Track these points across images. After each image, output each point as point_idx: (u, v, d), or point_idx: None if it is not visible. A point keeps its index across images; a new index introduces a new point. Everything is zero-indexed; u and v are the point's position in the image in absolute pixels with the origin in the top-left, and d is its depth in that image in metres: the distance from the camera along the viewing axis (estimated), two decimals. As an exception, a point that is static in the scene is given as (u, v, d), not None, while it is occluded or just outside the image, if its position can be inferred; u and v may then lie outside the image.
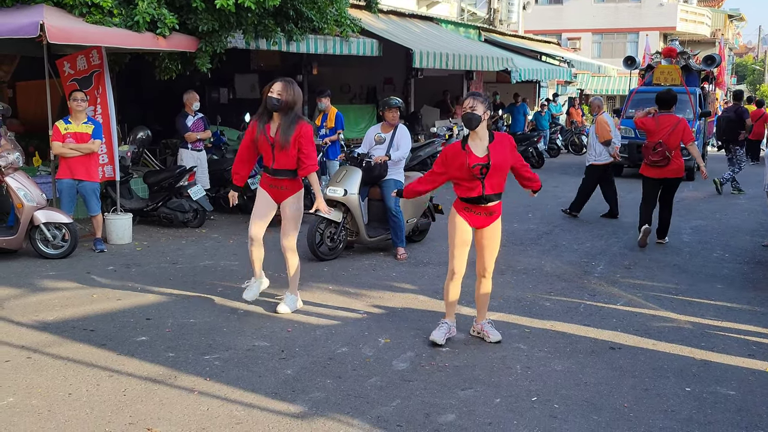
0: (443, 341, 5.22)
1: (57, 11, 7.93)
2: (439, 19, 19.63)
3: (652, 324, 5.85)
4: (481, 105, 5.00)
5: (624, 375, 4.76)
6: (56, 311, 5.92)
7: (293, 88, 5.58)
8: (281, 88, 5.52)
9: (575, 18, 41.06)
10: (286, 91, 5.52)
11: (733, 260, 8.22)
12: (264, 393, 4.37)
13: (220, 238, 8.99)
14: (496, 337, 5.30)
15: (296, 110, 5.64)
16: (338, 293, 6.59)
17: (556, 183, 15.20)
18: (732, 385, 4.62)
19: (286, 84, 5.55)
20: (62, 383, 4.47)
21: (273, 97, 5.52)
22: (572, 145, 22.44)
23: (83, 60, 8.56)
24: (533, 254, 8.33)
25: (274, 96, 5.52)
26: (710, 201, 12.90)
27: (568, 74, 22.64)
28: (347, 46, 12.77)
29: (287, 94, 5.52)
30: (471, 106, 5.00)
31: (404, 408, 4.19)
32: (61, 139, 7.86)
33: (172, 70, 9.62)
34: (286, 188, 5.84)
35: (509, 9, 26.48)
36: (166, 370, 4.70)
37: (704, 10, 45.19)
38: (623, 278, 7.32)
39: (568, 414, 4.16)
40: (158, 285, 6.76)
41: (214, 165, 10.55)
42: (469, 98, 5.07)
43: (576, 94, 29.44)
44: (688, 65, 16.95)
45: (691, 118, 15.82)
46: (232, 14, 8.86)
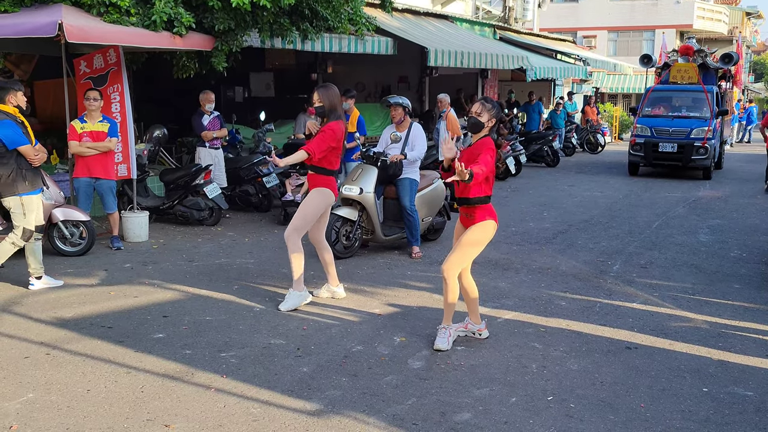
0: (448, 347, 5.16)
1: (75, 11, 7.99)
2: (453, 17, 19.59)
3: (669, 324, 5.82)
4: (487, 113, 5.01)
5: (640, 375, 4.74)
6: (74, 308, 5.98)
7: (327, 92, 5.99)
8: (318, 96, 5.98)
9: (591, 16, 40.83)
10: (321, 98, 5.96)
11: (751, 260, 8.15)
12: (280, 390, 4.39)
13: (235, 236, 9.03)
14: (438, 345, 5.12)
15: (337, 112, 6.00)
16: (353, 291, 6.61)
17: (572, 182, 15.14)
18: (750, 386, 4.59)
19: (322, 91, 5.99)
20: (81, 379, 4.52)
21: (316, 105, 5.99)
22: (588, 144, 22.33)
23: (100, 59, 8.62)
24: (549, 253, 8.30)
25: (316, 104, 5.99)
26: (728, 200, 12.80)
27: (583, 72, 22.52)
28: (362, 45, 12.77)
29: (324, 100, 5.95)
30: (477, 112, 5.04)
31: (420, 406, 4.20)
32: (78, 138, 7.92)
33: (190, 69, 9.67)
34: (310, 182, 6.16)
35: (524, 7, 26.38)
36: (183, 367, 4.73)
37: (721, 7, 44.77)
38: (639, 278, 7.28)
39: (585, 413, 4.15)
40: (175, 283, 6.80)
41: (230, 163, 10.60)
42: (479, 103, 5.09)
43: (591, 93, 29.27)
44: (705, 63, 16.82)
45: (708, 117, 15.71)
46: (248, 13, 8.89)
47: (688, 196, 13.14)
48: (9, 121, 6.27)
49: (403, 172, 7.99)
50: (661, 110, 16.37)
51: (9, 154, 6.28)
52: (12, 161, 6.29)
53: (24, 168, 6.36)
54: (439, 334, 5.20)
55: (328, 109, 5.96)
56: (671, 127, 15.70)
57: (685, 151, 15.42)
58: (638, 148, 16.02)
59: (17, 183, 6.33)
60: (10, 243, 6.43)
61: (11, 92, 6.37)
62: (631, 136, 16.70)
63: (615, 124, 29.18)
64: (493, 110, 5.04)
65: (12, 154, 6.29)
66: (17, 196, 6.35)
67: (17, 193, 6.34)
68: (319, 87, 6.04)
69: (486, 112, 5.01)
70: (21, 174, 6.34)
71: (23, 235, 6.42)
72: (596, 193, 13.47)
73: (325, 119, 6.00)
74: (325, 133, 5.88)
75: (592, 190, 13.90)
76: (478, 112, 5.02)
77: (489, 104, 5.05)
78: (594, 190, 13.89)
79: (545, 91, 24.00)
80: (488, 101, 5.10)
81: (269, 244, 8.59)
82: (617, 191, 13.72)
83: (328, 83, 6.17)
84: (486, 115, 5.00)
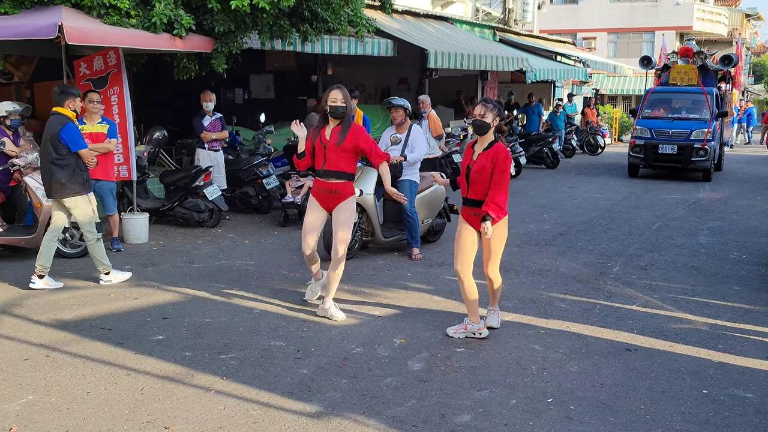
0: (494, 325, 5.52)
1: (75, 12, 8.00)
2: (453, 19, 19.59)
3: (669, 325, 5.82)
4: (490, 113, 5.12)
5: (640, 377, 4.74)
6: (74, 310, 5.98)
7: (347, 93, 5.79)
8: (342, 96, 5.70)
9: (591, 18, 40.83)
10: (344, 99, 5.71)
11: (751, 261, 8.15)
12: (280, 392, 4.39)
13: (235, 238, 9.03)
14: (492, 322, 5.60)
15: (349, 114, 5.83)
16: (353, 293, 6.61)
17: (572, 183, 15.14)
18: (750, 388, 4.59)
19: (345, 91, 5.76)
20: (81, 381, 4.52)
21: (338, 105, 5.69)
22: (587, 145, 22.34)
23: (100, 61, 8.63)
24: (548, 255, 8.30)
25: (339, 104, 5.69)
26: (727, 202, 12.80)
27: (583, 74, 22.52)
28: (362, 47, 12.77)
29: (346, 101, 5.73)
30: (481, 114, 5.10)
31: (420, 408, 4.20)
32: (78, 139, 7.91)
33: (191, 70, 9.68)
34: (339, 192, 5.82)
35: (524, 9, 26.39)
36: (183, 369, 4.73)
37: (721, 9, 44.77)
38: (639, 279, 7.28)
39: (584, 415, 4.15)
40: (175, 284, 6.80)
41: (230, 165, 10.60)
42: (480, 105, 5.16)
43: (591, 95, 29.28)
44: (705, 65, 16.83)
45: (708, 119, 15.72)
46: (248, 15, 8.90)
47: (688, 198, 13.14)
48: (72, 125, 6.63)
49: (403, 173, 7.99)
50: (661, 112, 16.37)
51: (70, 156, 6.59)
52: (72, 162, 6.60)
53: (81, 169, 6.70)
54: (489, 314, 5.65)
55: (348, 111, 5.78)
56: (671, 129, 15.71)
57: (685, 153, 15.43)
58: (638, 150, 16.03)
59: (77, 183, 6.62)
60: (95, 241, 6.74)
61: (71, 97, 6.68)
62: (630, 137, 16.71)
63: (615, 125, 29.18)
64: (495, 110, 5.14)
65: (73, 157, 6.60)
66: (83, 195, 6.67)
67: (80, 192, 6.65)
68: (339, 86, 5.78)
69: (489, 113, 5.09)
70: (80, 175, 6.67)
71: (98, 228, 6.84)
72: (596, 194, 13.47)
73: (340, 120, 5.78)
74: (367, 137, 5.82)
75: (591, 191, 13.91)
76: (482, 113, 5.08)
77: (491, 104, 5.11)
78: (594, 191, 13.90)
79: (545, 93, 23.99)
80: (489, 101, 5.15)
81: (269, 246, 8.59)
82: (617, 193, 13.73)
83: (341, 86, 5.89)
84: (490, 116, 5.09)
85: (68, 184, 6.57)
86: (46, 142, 6.60)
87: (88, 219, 6.72)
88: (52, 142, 6.55)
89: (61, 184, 6.57)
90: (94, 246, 6.76)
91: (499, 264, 5.43)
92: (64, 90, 6.71)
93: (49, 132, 6.58)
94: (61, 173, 6.55)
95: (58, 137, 6.52)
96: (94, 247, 6.77)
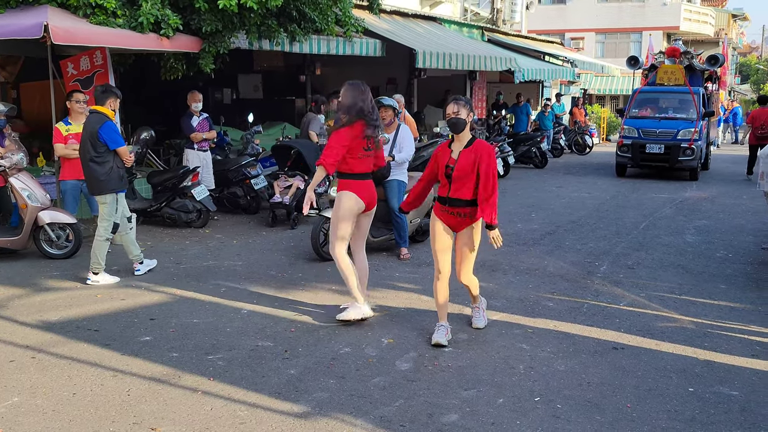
0: (446, 342, 5.24)
1: (61, 12, 7.96)
2: (442, 19, 19.62)
3: (656, 324, 5.85)
4: (464, 109, 5.13)
5: (627, 375, 4.76)
6: (60, 311, 5.94)
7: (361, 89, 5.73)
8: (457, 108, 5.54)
9: (578, 18, 41.00)
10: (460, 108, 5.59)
11: (737, 260, 8.21)
12: (267, 393, 4.38)
13: (223, 238, 9.01)
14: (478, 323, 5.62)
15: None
16: (341, 293, 6.60)
17: (560, 183, 15.20)
18: (735, 386, 4.62)
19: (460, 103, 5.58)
20: (66, 383, 4.49)
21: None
22: (575, 145, 22.44)
23: (87, 61, 8.59)
24: (536, 254, 8.33)
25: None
26: (714, 201, 12.88)
27: (571, 74, 22.62)
28: (350, 47, 12.77)
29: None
30: (455, 111, 5.11)
31: (407, 408, 4.20)
32: (63, 140, 7.87)
33: (178, 70, 9.64)
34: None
35: (512, 9, 26.45)
36: (170, 370, 4.71)
37: (708, 9, 45.08)
38: (627, 278, 7.32)
39: (571, 414, 4.17)
40: (162, 285, 6.77)
41: (218, 165, 10.57)
42: (452, 103, 5.15)
43: (579, 94, 29.40)
44: (691, 65, 16.93)
45: (695, 118, 15.82)
46: (235, 15, 8.88)
47: (675, 197, 13.22)
48: (111, 123, 6.80)
49: (391, 173, 7.98)
50: (648, 112, 16.46)
51: (108, 154, 6.76)
52: (110, 160, 6.78)
53: (119, 167, 6.87)
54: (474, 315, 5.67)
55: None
56: (658, 129, 15.79)
57: (672, 152, 15.52)
58: (626, 150, 16.10)
59: (112, 180, 6.80)
60: (104, 240, 6.88)
61: (112, 97, 6.86)
62: (618, 137, 16.79)
63: (603, 125, 29.31)
64: (467, 106, 5.16)
65: (111, 154, 6.78)
66: (114, 193, 6.83)
67: (114, 190, 6.82)
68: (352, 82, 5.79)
69: (462, 108, 5.13)
70: (117, 172, 6.84)
71: (114, 229, 6.96)
72: (584, 194, 13.52)
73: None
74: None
75: (579, 191, 13.96)
76: (456, 111, 5.11)
77: (462, 101, 5.16)
78: (582, 191, 13.95)
79: (533, 93, 24.07)
80: (460, 98, 5.17)
81: (257, 246, 8.57)
82: (605, 192, 13.79)
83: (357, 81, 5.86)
84: (464, 111, 5.12)
85: (105, 181, 6.77)
86: (86, 140, 6.77)
87: (110, 216, 6.88)
88: (91, 139, 6.71)
89: (100, 180, 6.76)
90: (101, 243, 6.86)
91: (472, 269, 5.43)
92: (107, 89, 6.90)
93: (88, 130, 6.74)
94: (99, 170, 6.74)
95: (97, 135, 6.67)
96: (100, 244, 6.86)
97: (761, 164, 8.84)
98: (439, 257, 5.32)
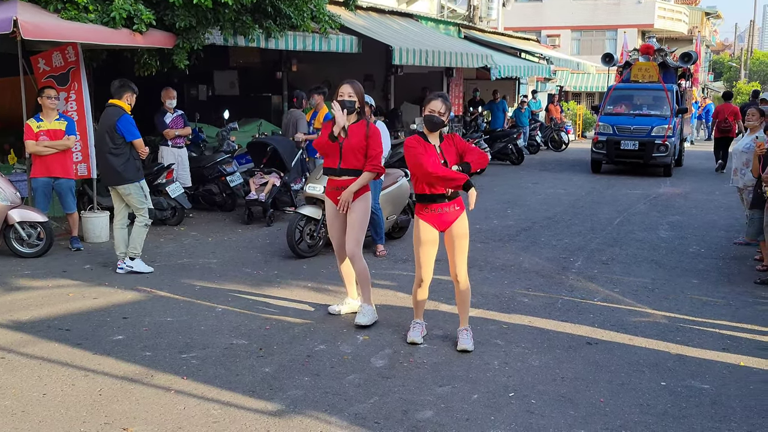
0: (421, 339, 5.24)
1: (31, 7, 7.83)
2: (418, 15, 19.62)
3: (629, 319, 5.90)
4: (448, 111, 5.01)
5: (600, 370, 4.80)
6: (31, 310, 5.86)
7: (360, 88, 5.57)
8: (351, 90, 5.50)
9: (554, 15, 41.23)
10: (353, 93, 5.50)
11: (709, 255, 8.31)
12: (241, 391, 4.35)
13: (198, 236, 8.93)
14: (464, 345, 5.09)
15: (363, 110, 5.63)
16: (317, 290, 6.58)
17: (536, 179, 15.28)
18: (706, 379, 4.68)
19: (355, 85, 5.55)
20: (36, 383, 4.43)
21: (346, 99, 5.49)
22: (552, 142, 22.57)
23: (59, 56, 8.46)
24: (512, 250, 8.36)
25: (346, 98, 5.49)
26: (687, 197, 13.03)
27: (547, 71, 22.74)
28: (326, 43, 12.71)
29: (357, 96, 5.51)
30: (441, 112, 4.97)
31: (382, 405, 4.20)
32: (35, 137, 7.76)
33: (152, 66, 9.53)
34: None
35: (489, 6, 26.53)
36: (143, 369, 4.66)
37: (681, 7, 45.57)
38: (601, 274, 7.37)
39: (545, 409, 4.19)
40: (135, 283, 6.70)
41: (193, 162, 10.47)
42: (440, 101, 5.00)
43: (555, 91, 29.56)
44: (665, 62, 17.09)
45: (669, 115, 15.98)
46: (209, 10, 8.79)
47: (649, 193, 13.35)
48: (129, 116, 7.01)
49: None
50: (623, 108, 16.60)
51: (125, 146, 6.97)
52: (127, 152, 6.98)
53: (135, 158, 7.07)
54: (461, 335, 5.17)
55: (360, 106, 5.55)
56: (632, 125, 15.93)
57: (646, 149, 15.67)
58: (601, 146, 16.23)
59: (129, 171, 6.99)
60: (143, 225, 7.12)
61: (129, 91, 7.08)
62: (593, 134, 16.92)
63: (578, 122, 29.52)
64: (447, 101, 5.03)
65: (128, 146, 6.99)
66: (135, 183, 7.04)
67: (131, 180, 7.01)
68: (350, 81, 5.57)
69: (447, 110, 5.01)
70: (134, 163, 7.04)
71: (150, 214, 7.22)
72: (560, 190, 13.61)
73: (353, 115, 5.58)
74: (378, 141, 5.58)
75: (555, 187, 14.05)
76: (441, 111, 4.98)
77: (449, 102, 5.06)
78: (557, 187, 14.04)
79: (510, 90, 24.16)
80: (447, 99, 5.07)
81: (233, 244, 8.52)
82: (580, 188, 13.89)
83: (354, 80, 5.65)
84: (447, 113, 5.02)
85: (123, 172, 6.95)
86: (103, 133, 6.98)
87: (142, 204, 7.10)
88: (109, 132, 6.91)
89: (117, 172, 6.95)
90: (140, 229, 7.10)
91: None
92: (124, 84, 7.08)
93: (106, 123, 6.95)
94: (116, 161, 6.93)
95: (114, 128, 6.88)
96: (139, 230, 7.09)
97: (734, 160, 8.96)
98: (423, 265, 5.15)
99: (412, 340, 5.21)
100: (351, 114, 5.54)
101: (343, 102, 5.50)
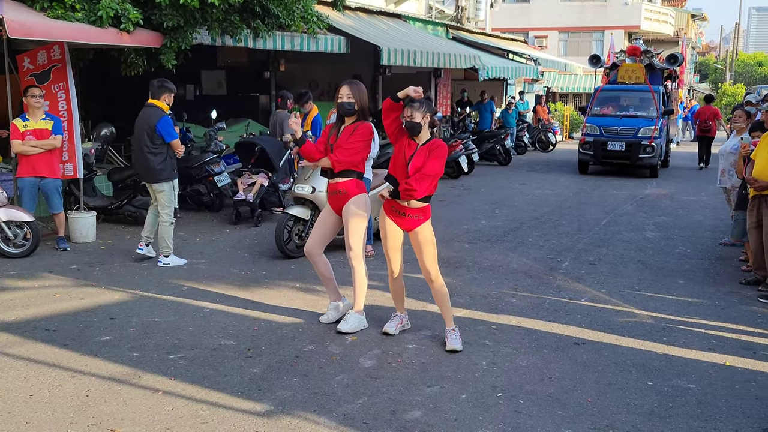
0: (396, 331, 5.32)
1: (17, 5, 7.77)
2: (406, 16, 19.64)
3: (616, 319, 5.94)
4: (418, 113, 4.94)
5: (588, 370, 4.83)
6: (17, 311, 5.82)
7: (360, 88, 5.42)
8: (349, 91, 5.36)
9: (542, 16, 41.43)
10: (352, 94, 5.36)
11: (695, 256, 8.37)
12: (230, 392, 4.34)
13: (186, 236, 8.90)
14: (452, 345, 5.09)
15: (366, 113, 5.48)
16: (305, 291, 6.58)
17: (523, 180, 15.33)
18: (692, 379, 4.72)
19: (354, 87, 5.40)
20: (23, 384, 4.40)
21: (345, 101, 5.37)
22: (539, 143, 22.66)
23: (44, 55, 8.40)
24: (500, 251, 8.39)
25: (345, 100, 5.37)
26: (673, 197, 13.12)
27: (534, 72, 22.82)
28: (314, 43, 12.70)
29: (356, 97, 5.37)
30: (409, 115, 4.96)
31: (371, 405, 4.20)
32: (20, 137, 7.71)
33: (138, 66, 9.48)
34: (345, 192, 5.44)
35: (477, 7, 26.63)
36: (131, 370, 4.64)
37: (668, 9, 45.91)
38: (588, 274, 7.41)
39: (533, 409, 4.21)
40: (123, 284, 6.67)
41: (181, 162, 10.39)
42: (407, 108, 4.99)
43: (543, 92, 29.69)
44: (651, 64, 17.22)
45: (655, 116, 16.08)
46: (197, 10, 8.76)
47: (636, 194, 13.43)
48: (168, 117, 7.22)
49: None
50: (610, 110, 16.69)
51: (163, 146, 7.19)
52: (165, 151, 7.22)
53: (171, 157, 7.31)
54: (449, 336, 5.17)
55: (359, 109, 5.39)
56: (619, 126, 16.03)
57: (633, 150, 15.76)
58: (588, 147, 16.31)
59: (166, 170, 7.25)
60: (169, 224, 7.33)
61: (167, 92, 7.26)
62: (581, 134, 17.00)
63: (566, 123, 29.65)
64: (422, 107, 4.97)
65: (166, 146, 7.22)
66: (169, 182, 7.29)
67: (168, 179, 7.27)
68: (349, 82, 5.42)
69: (416, 112, 4.96)
70: (170, 163, 7.29)
71: (174, 213, 7.44)
72: (547, 191, 13.67)
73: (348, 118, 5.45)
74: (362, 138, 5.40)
75: (543, 188, 14.10)
76: (409, 115, 4.97)
77: (416, 103, 4.98)
78: (545, 188, 14.10)
79: (497, 91, 24.23)
80: (414, 101, 4.99)
81: (220, 244, 8.49)
82: (567, 189, 13.95)
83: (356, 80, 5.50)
84: (418, 115, 4.96)
85: (161, 171, 7.20)
86: (142, 132, 7.16)
87: (170, 203, 7.33)
88: (148, 132, 7.12)
89: (155, 170, 7.19)
90: (167, 228, 7.31)
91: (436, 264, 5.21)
92: (163, 84, 7.24)
93: (145, 123, 7.15)
94: (155, 160, 7.16)
95: (154, 128, 7.10)
96: (165, 229, 7.30)
97: (720, 161, 9.03)
98: (391, 256, 5.25)
99: (386, 330, 5.34)
100: (350, 116, 5.44)
101: (341, 105, 5.39)
